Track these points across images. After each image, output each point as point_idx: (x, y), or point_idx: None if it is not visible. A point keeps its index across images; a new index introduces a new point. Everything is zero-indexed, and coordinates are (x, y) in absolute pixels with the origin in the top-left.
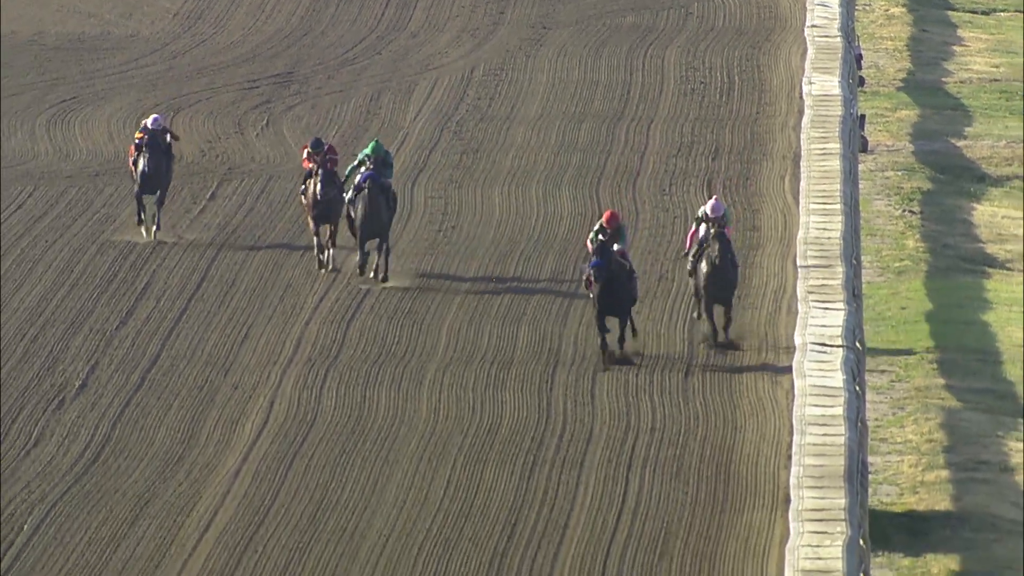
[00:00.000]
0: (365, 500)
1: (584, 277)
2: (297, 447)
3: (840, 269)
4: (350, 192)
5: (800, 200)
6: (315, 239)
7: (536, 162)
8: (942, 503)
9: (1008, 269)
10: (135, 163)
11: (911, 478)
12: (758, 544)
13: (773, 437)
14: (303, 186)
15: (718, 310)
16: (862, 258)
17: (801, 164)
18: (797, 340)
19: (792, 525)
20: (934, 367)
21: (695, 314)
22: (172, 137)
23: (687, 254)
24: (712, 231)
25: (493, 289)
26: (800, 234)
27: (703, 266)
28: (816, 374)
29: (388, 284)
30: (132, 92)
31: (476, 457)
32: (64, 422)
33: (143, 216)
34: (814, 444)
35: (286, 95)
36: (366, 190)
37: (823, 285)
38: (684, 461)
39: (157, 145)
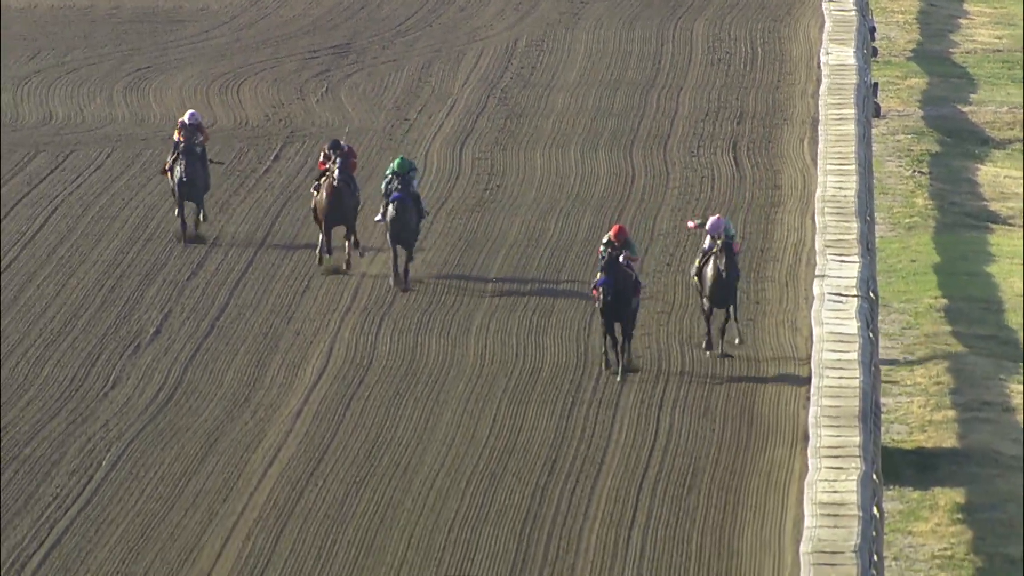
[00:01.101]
0: (417, 438)
1: (594, 287)
2: (354, 389)
3: (855, 225)
4: (382, 204)
5: (818, 161)
6: (321, 237)
7: (574, 126)
8: (949, 441)
9: (1010, 225)
10: (171, 171)
11: (920, 418)
12: (779, 478)
13: (793, 380)
14: (316, 183)
15: (719, 314)
16: (875, 214)
17: (819, 128)
18: (815, 290)
19: (811, 461)
20: (941, 315)
21: (703, 345)
22: (203, 136)
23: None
24: (719, 240)
25: (535, 241)
26: (818, 192)
27: (708, 272)
28: (833, 322)
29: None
30: (202, 62)
31: (519, 398)
32: (139, 366)
33: (186, 223)
34: (831, 386)
35: (344, 64)
36: (395, 203)
37: (839, 239)
38: (711, 402)
39: (193, 151)
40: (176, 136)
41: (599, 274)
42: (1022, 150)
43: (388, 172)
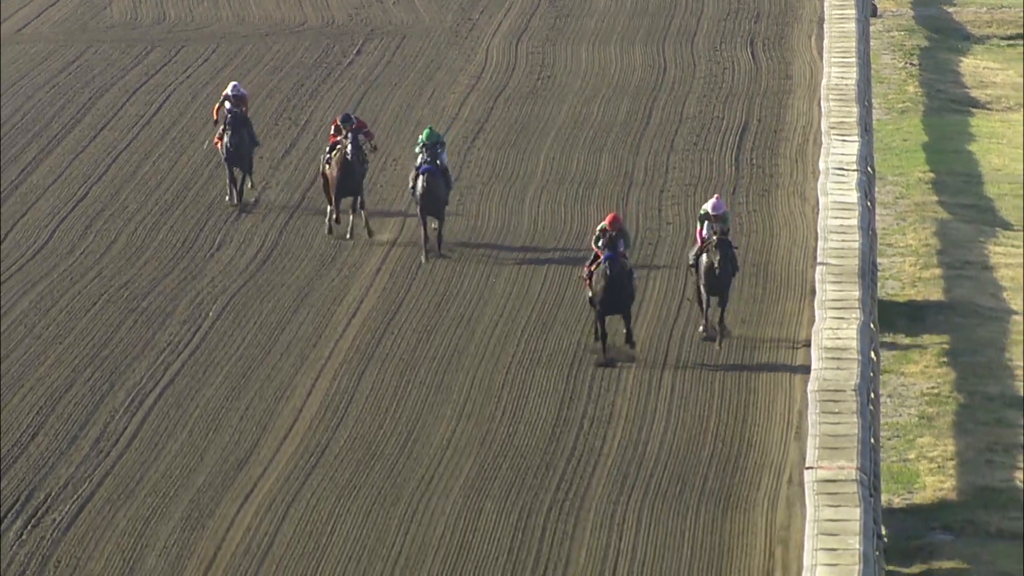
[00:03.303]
0: (479, 293)
1: (586, 275)
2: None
3: (855, 109)
4: (411, 175)
5: (824, 55)
6: (329, 208)
7: (614, 24)
8: (935, 295)
9: (988, 109)
10: (220, 140)
11: (911, 275)
12: (790, 327)
13: (802, 243)
14: (327, 156)
15: (714, 302)
16: (872, 100)
17: (824, 26)
18: (821, 166)
19: (817, 312)
20: (929, 187)
21: (700, 329)
22: (244, 107)
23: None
24: (715, 235)
25: (580, 124)
26: (823, 81)
27: (703, 264)
28: (836, 192)
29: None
30: None
31: (567, 258)
32: (241, 231)
33: (234, 188)
34: (834, 248)
35: None
36: (424, 175)
37: (842, 122)
38: None
39: (238, 120)
40: (215, 112)
41: (593, 264)
42: (999, 44)
43: (419, 142)
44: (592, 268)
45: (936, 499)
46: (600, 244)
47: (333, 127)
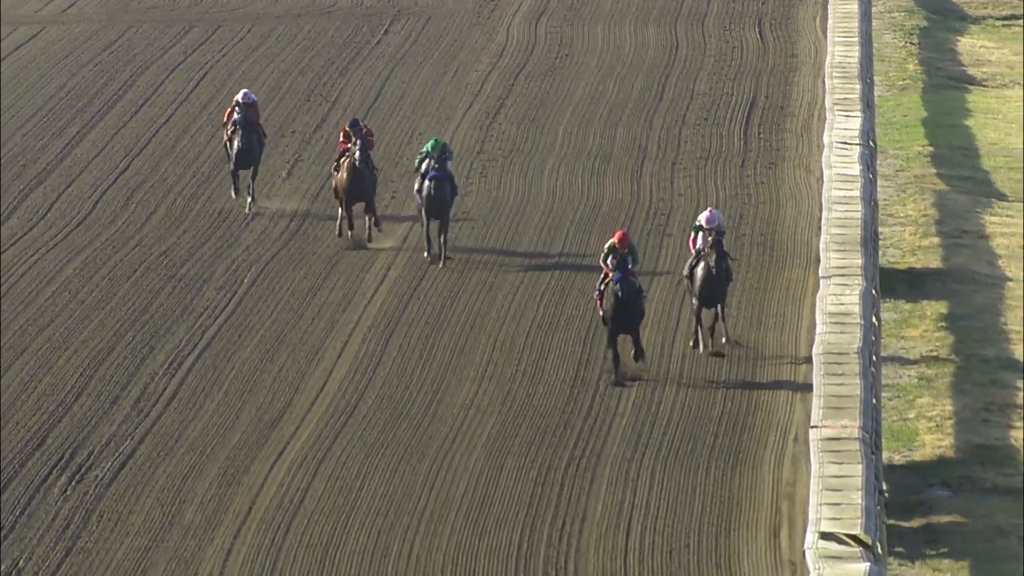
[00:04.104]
0: (500, 262)
1: (597, 294)
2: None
3: (858, 86)
4: (416, 181)
5: (828, 34)
6: (341, 213)
7: (629, 5)
8: (934, 262)
9: (984, 86)
10: (230, 141)
11: (911, 243)
12: (796, 293)
13: (807, 213)
14: (335, 164)
15: (708, 314)
16: (874, 78)
17: (828, 6)
18: (825, 139)
19: (821, 279)
20: (928, 160)
21: (691, 342)
22: (255, 114)
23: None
24: (710, 239)
25: (596, 100)
26: (827, 60)
27: (699, 272)
28: (839, 165)
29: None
30: None
31: (584, 228)
32: (274, 202)
33: (239, 189)
34: (838, 218)
35: None
36: (432, 181)
37: (845, 98)
38: (739, 230)
39: (248, 123)
40: (226, 116)
41: (604, 282)
42: (994, 24)
43: (423, 151)
44: (603, 288)
45: (935, 456)
46: (609, 262)
47: (343, 134)
